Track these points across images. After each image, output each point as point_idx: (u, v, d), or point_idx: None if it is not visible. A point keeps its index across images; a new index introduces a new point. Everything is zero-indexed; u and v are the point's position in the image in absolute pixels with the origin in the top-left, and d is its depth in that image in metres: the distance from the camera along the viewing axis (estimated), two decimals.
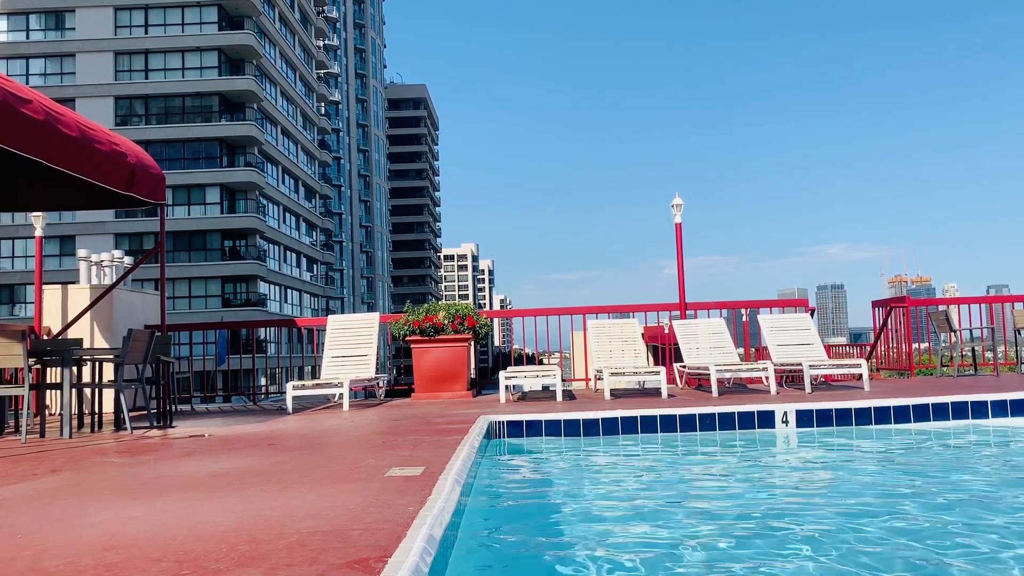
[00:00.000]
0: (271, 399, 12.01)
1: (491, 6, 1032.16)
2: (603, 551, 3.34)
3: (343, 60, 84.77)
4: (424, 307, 9.54)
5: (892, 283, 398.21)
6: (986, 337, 11.12)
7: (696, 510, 4.19)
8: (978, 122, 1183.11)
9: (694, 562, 3.15)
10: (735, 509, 4.19)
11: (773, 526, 3.76)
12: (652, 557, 3.23)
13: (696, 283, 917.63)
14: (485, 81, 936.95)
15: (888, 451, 5.93)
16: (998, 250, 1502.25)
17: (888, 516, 3.90)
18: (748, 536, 3.56)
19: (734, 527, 3.73)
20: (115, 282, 9.36)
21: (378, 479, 3.80)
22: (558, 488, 4.82)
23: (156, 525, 3.00)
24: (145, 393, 7.04)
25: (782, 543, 3.43)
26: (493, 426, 6.24)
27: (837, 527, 3.68)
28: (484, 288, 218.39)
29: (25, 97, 5.68)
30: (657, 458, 5.94)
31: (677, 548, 3.37)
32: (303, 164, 62.29)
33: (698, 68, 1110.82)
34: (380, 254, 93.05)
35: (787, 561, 3.13)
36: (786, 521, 3.88)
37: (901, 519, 3.85)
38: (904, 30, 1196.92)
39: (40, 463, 4.91)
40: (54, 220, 44.71)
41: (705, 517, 4.00)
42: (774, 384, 8.19)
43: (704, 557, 3.23)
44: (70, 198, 8.18)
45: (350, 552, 2.49)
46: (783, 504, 4.36)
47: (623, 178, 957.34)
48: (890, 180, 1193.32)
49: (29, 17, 48.88)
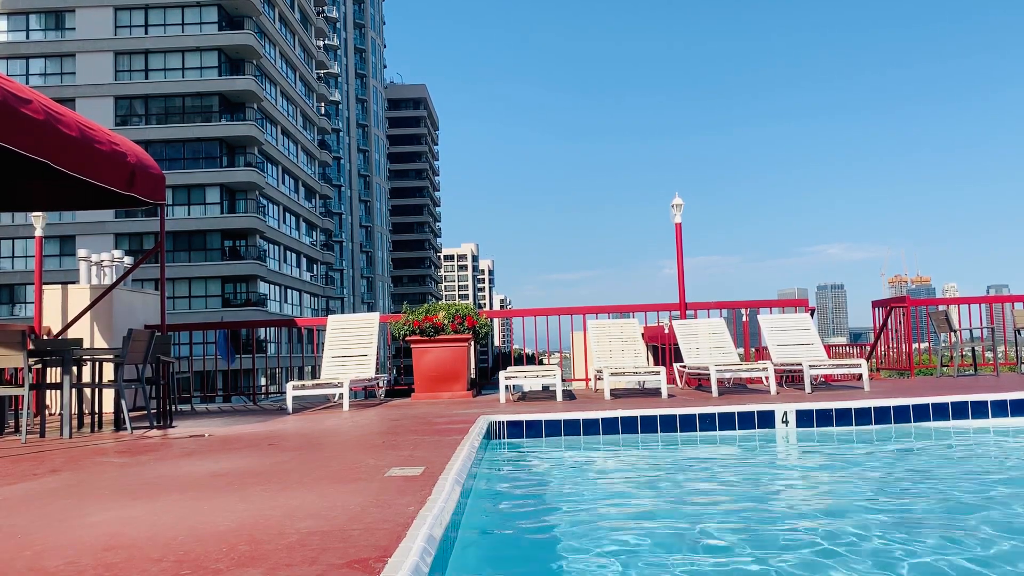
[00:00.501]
0: (271, 399, 12.01)
1: (491, 6, 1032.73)
2: (603, 551, 3.34)
3: (343, 60, 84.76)
4: (424, 307, 9.54)
5: (892, 283, 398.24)
6: (986, 337, 11.12)
7: (696, 510, 4.19)
8: (978, 122, 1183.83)
9: (694, 562, 3.15)
10: (735, 509, 4.18)
11: (773, 526, 3.76)
12: (652, 557, 3.23)
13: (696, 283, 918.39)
14: (485, 81, 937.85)
15: (888, 451, 5.93)
16: (998, 250, 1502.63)
17: (888, 516, 3.90)
18: (748, 536, 3.56)
19: (734, 527, 3.73)
20: (115, 282, 9.36)
21: (378, 479, 3.80)
22: (558, 488, 4.82)
23: (156, 525, 3.00)
24: (145, 393, 7.04)
25: (782, 543, 3.43)
26: (493, 426, 6.24)
27: (837, 527, 3.68)
28: (484, 288, 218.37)
29: (25, 97, 5.68)
30: (657, 458, 5.94)
31: (677, 548, 3.37)
32: (303, 164, 62.29)
33: (698, 68, 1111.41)
34: (380, 254, 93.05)
35: (787, 561, 3.13)
36: (786, 521, 3.88)
37: (901, 519, 3.85)
38: (904, 30, 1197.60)
39: (40, 463, 4.91)
40: (54, 220, 44.71)
41: (705, 517, 4.00)
42: (774, 384, 8.19)
43: (704, 557, 3.23)
44: (70, 198, 8.18)
45: (350, 552, 2.49)
46: (783, 504, 4.36)
47: (623, 178, 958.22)
48: (890, 180, 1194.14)
49: (29, 17, 48.87)
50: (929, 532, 3.58)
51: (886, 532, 3.56)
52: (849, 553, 3.23)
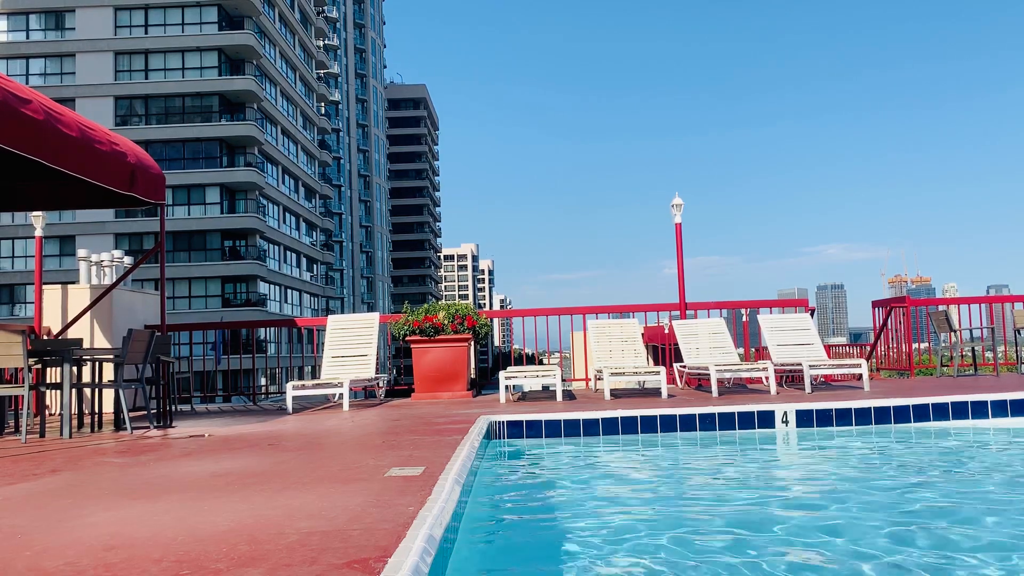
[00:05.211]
0: (271, 399, 12.00)
1: (491, 6, 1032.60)
2: (603, 551, 3.34)
3: (343, 60, 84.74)
4: (424, 307, 9.54)
5: (892, 283, 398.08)
6: (986, 337, 11.12)
7: (696, 510, 4.19)
8: (978, 122, 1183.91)
9: (694, 562, 3.15)
10: (735, 509, 4.18)
11: (773, 526, 3.76)
12: (653, 557, 3.23)
13: (696, 283, 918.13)
14: (485, 81, 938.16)
15: (888, 451, 5.93)
16: (998, 250, 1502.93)
17: (888, 516, 3.90)
18: (748, 536, 3.56)
19: (734, 527, 3.73)
20: (115, 282, 9.36)
21: (378, 479, 3.80)
22: (558, 488, 4.82)
23: (156, 525, 3.00)
24: (145, 393, 7.04)
25: (783, 543, 3.43)
26: (493, 426, 6.24)
27: (836, 527, 3.68)
28: (484, 288, 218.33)
29: (25, 97, 5.68)
30: (657, 458, 5.94)
31: (677, 548, 3.37)
32: (303, 164, 62.28)
33: (698, 68, 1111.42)
34: (380, 254, 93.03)
35: (788, 561, 3.13)
36: (786, 521, 3.88)
37: (902, 519, 3.85)
38: (904, 30, 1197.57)
39: (40, 463, 4.91)
40: (54, 220, 44.67)
41: (705, 517, 4.00)
42: (774, 384, 8.19)
43: (704, 557, 3.23)
44: (70, 198, 8.18)
45: (350, 552, 2.49)
46: (783, 504, 4.36)
47: (623, 178, 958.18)
48: (890, 180, 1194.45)
49: (29, 17, 48.85)
50: (929, 532, 3.58)
51: (886, 531, 3.56)
52: (850, 552, 3.23)
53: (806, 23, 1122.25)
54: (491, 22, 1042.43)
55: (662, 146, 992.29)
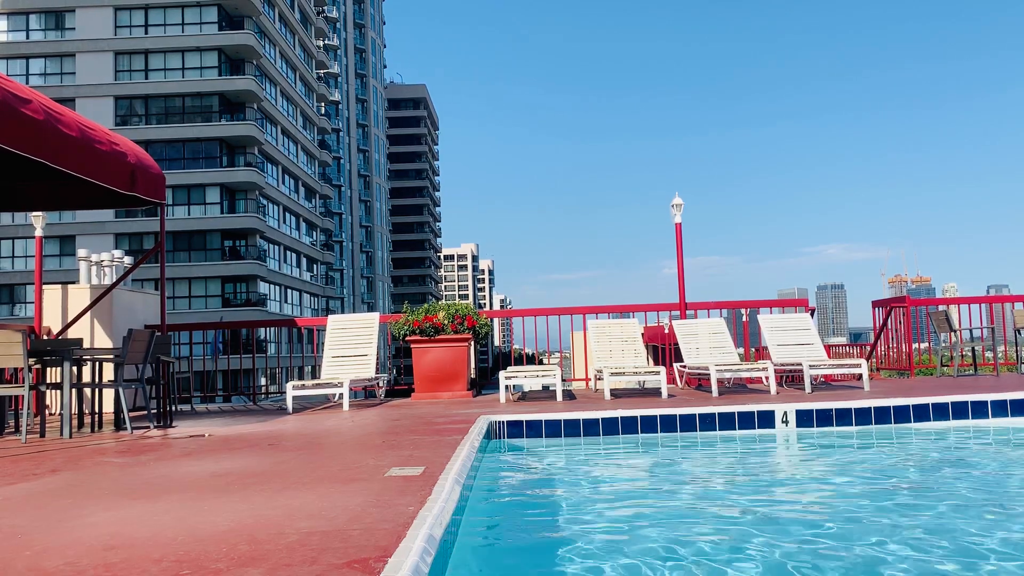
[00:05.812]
0: (271, 399, 12.01)
1: (491, 6, 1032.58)
2: (604, 551, 3.34)
3: (343, 60, 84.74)
4: (424, 307, 9.54)
5: (892, 283, 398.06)
6: (986, 337, 11.12)
7: (696, 510, 4.19)
8: (979, 122, 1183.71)
9: (694, 562, 3.15)
10: (735, 509, 4.18)
11: (773, 525, 3.76)
12: (653, 557, 3.23)
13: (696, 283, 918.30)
14: (485, 81, 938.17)
15: (888, 451, 5.93)
16: (998, 250, 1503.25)
17: (888, 516, 3.90)
18: (748, 535, 3.56)
19: (734, 527, 3.73)
20: (115, 282, 9.36)
21: (378, 479, 3.80)
22: (558, 488, 4.82)
23: (156, 525, 3.00)
24: (145, 393, 7.04)
25: (783, 543, 3.43)
26: (493, 426, 6.24)
27: (836, 527, 3.68)
28: (484, 288, 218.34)
29: (25, 97, 5.68)
30: (657, 458, 5.94)
31: (677, 548, 3.37)
32: (303, 164, 62.28)
33: (699, 68, 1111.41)
34: (380, 254, 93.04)
35: (788, 561, 3.13)
36: (786, 521, 3.88)
37: (902, 519, 3.85)
38: (904, 30, 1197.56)
39: (40, 463, 4.91)
40: (54, 220, 44.66)
41: (705, 517, 4.00)
42: (774, 384, 8.19)
43: (704, 557, 3.23)
44: (70, 198, 8.18)
45: (350, 552, 2.49)
46: (783, 504, 4.36)
47: (623, 178, 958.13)
48: (890, 180, 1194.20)
49: (29, 17, 48.85)
50: (929, 532, 3.58)
51: (886, 532, 3.56)
52: (850, 552, 3.23)
53: (806, 23, 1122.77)
54: (491, 22, 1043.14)
55: (662, 146, 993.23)
